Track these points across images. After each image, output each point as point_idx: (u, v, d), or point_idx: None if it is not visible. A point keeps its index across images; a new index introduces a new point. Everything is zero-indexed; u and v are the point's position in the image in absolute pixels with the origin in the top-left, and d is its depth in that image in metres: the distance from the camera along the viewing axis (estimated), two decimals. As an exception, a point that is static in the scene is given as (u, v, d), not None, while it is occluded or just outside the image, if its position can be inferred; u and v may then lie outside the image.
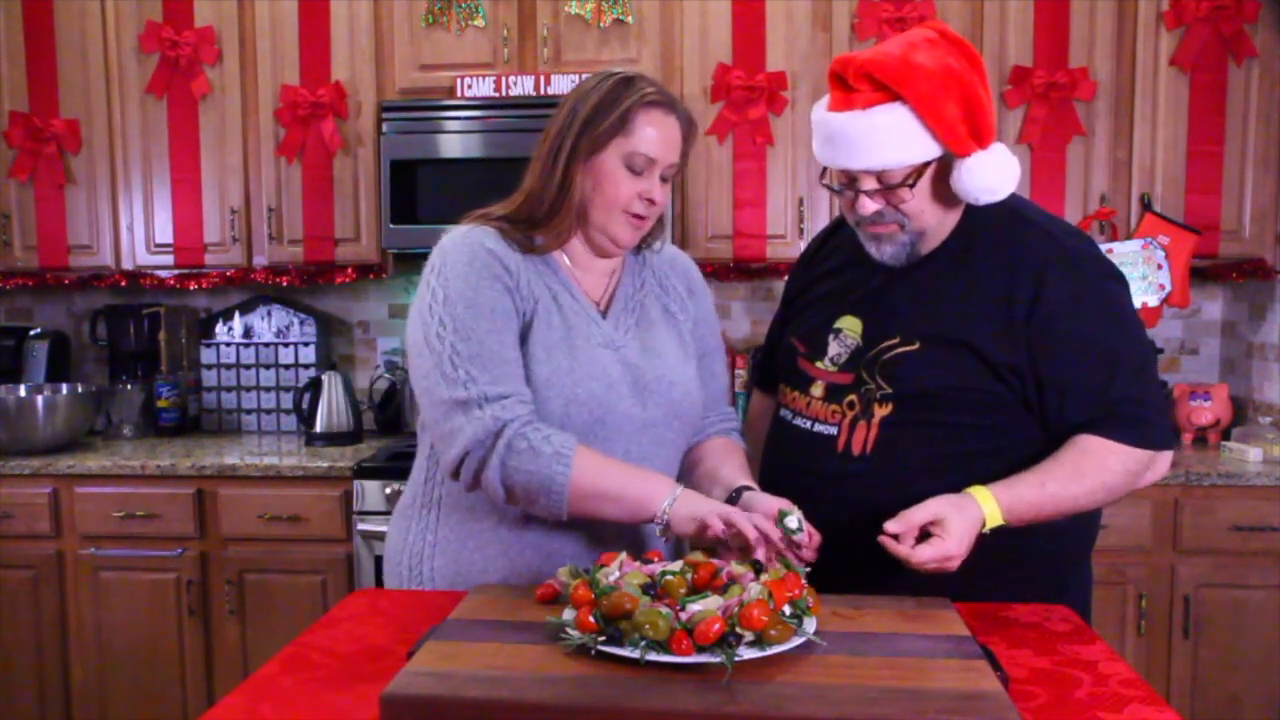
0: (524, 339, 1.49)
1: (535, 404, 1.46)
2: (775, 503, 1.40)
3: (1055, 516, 1.45)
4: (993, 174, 1.42)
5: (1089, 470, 1.44)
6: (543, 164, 1.51)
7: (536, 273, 1.52)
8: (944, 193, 1.47)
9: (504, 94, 3.03)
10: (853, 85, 1.43)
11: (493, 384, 1.42)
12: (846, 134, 1.43)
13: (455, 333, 1.43)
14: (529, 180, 1.53)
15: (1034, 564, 1.52)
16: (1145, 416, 1.46)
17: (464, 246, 1.49)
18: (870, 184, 1.46)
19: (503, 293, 1.47)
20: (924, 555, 1.34)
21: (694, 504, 1.39)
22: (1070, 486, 1.43)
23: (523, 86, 3.02)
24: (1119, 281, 1.51)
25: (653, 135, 1.48)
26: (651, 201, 1.50)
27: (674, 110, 1.51)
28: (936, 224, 1.51)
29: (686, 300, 1.66)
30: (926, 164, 1.44)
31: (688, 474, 1.63)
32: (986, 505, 1.39)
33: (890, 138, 1.41)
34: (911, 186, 1.44)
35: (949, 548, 1.34)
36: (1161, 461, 1.49)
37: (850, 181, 1.48)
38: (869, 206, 1.47)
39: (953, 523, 1.35)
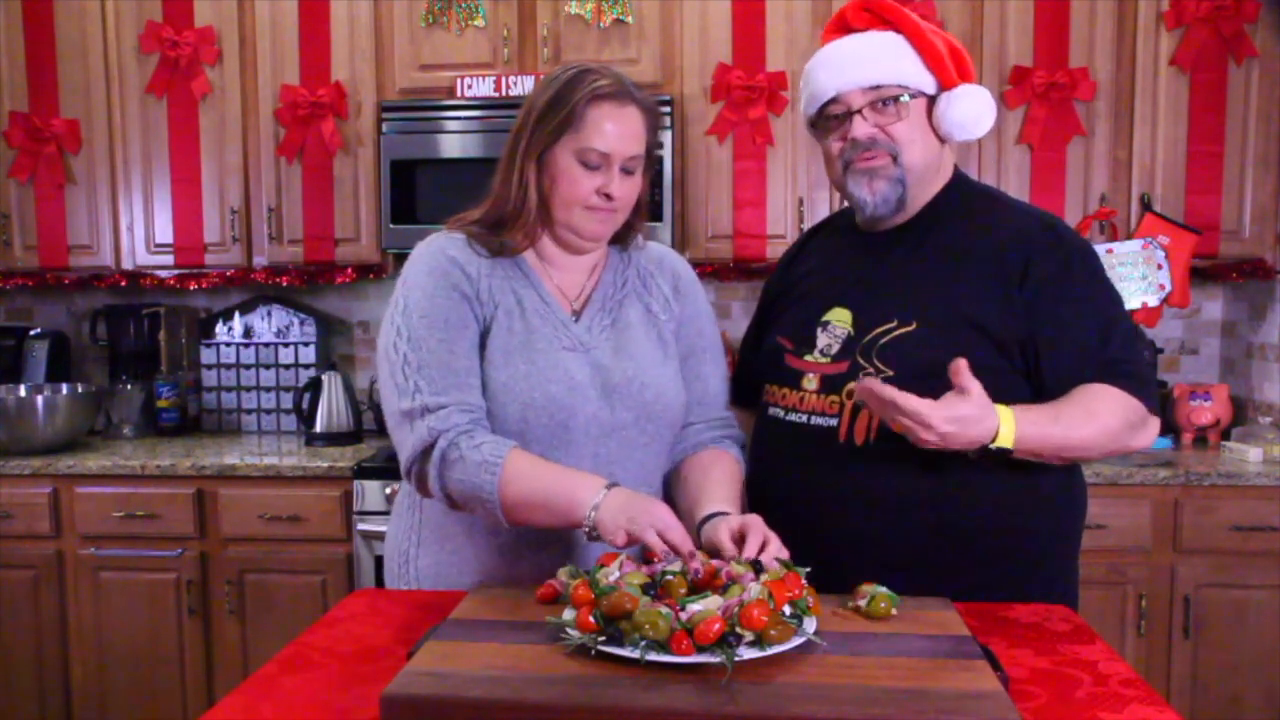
0: (484, 345, 1.49)
1: (494, 409, 1.46)
2: (727, 531, 1.36)
3: (1055, 454, 1.44)
4: (974, 106, 1.51)
5: (1098, 411, 1.44)
6: (504, 164, 1.52)
7: (504, 276, 1.52)
8: (932, 129, 1.55)
9: (504, 94, 3.03)
10: (852, 24, 1.56)
11: (435, 395, 1.43)
12: (844, 53, 1.54)
13: (409, 342, 1.46)
14: (495, 181, 1.53)
15: (1023, 563, 1.52)
16: (1141, 374, 1.50)
17: (427, 255, 1.52)
18: (862, 101, 1.52)
19: (459, 301, 1.48)
20: (913, 404, 1.31)
21: (621, 508, 1.31)
22: (1079, 427, 1.43)
23: (523, 86, 3.02)
24: (1094, 251, 1.57)
25: (604, 129, 1.46)
26: (609, 196, 1.48)
27: (631, 100, 1.48)
28: (924, 165, 1.55)
29: (671, 300, 1.62)
30: (918, 92, 1.52)
31: (673, 491, 1.59)
32: (1005, 421, 1.37)
33: (885, 55, 1.52)
34: (906, 101, 1.51)
35: (935, 414, 1.31)
36: (1153, 425, 1.50)
37: (844, 111, 1.54)
38: (862, 129, 1.52)
39: (967, 405, 1.33)
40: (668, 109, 2.98)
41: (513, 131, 1.51)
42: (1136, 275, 2.93)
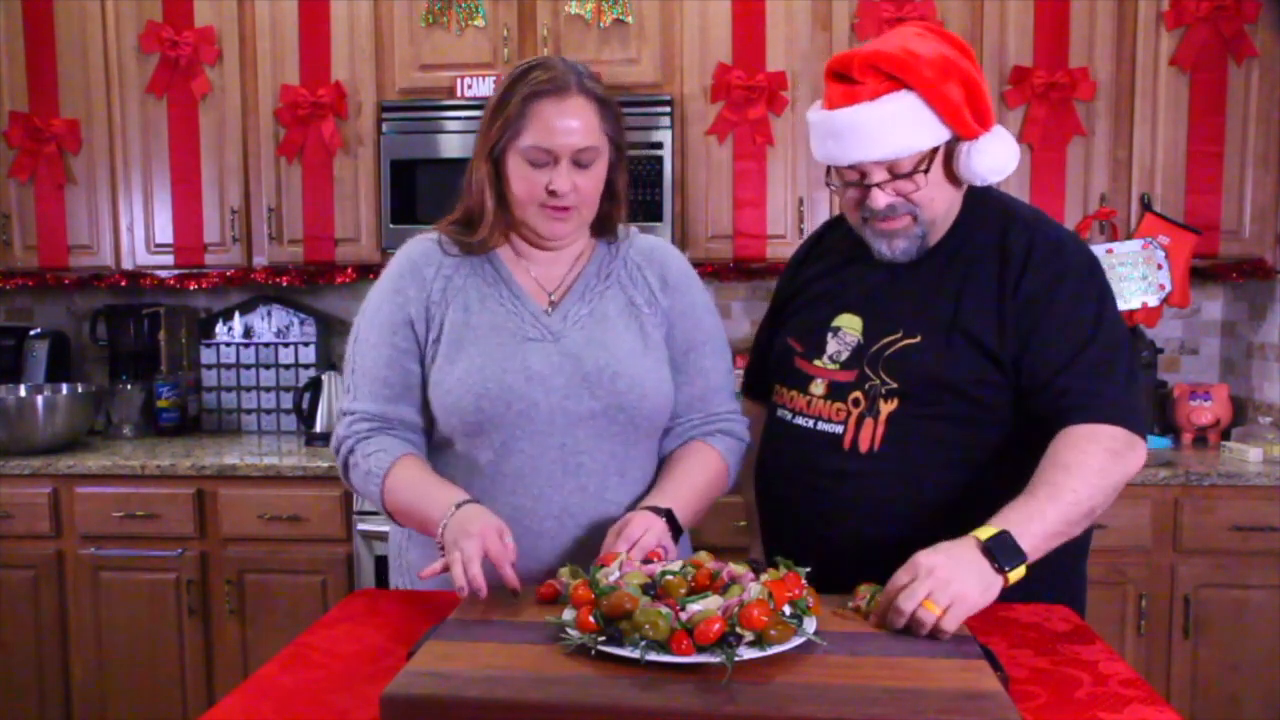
0: (438, 342, 1.52)
1: (450, 402, 1.49)
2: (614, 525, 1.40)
3: (1069, 518, 1.36)
4: (999, 154, 1.46)
5: (1073, 461, 1.37)
6: (469, 166, 1.55)
7: (471, 273, 1.56)
8: (951, 178, 1.49)
9: (504, 94, 3.02)
10: (857, 79, 1.43)
11: (354, 400, 1.55)
12: (855, 126, 1.44)
13: (355, 345, 1.57)
14: (464, 182, 1.56)
15: (1027, 572, 1.50)
16: (1111, 395, 1.43)
17: (396, 258, 1.60)
18: (881, 175, 1.46)
19: (400, 306, 1.54)
20: (901, 578, 1.25)
21: (453, 532, 1.34)
22: (1065, 483, 1.35)
23: (523, 86, 3.01)
24: (1098, 272, 1.52)
25: (545, 126, 1.45)
26: (554, 193, 1.48)
27: (574, 92, 1.46)
28: (945, 211, 1.52)
29: (658, 294, 1.60)
30: (935, 150, 1.46)
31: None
32: (975, 531, 1.31)
33: (900, 125, 1.43)
34: (925, 172, 1.45)
35: (906, 567, 1.26)
36: (1139, 448, 1.43)
37: (860, 177, 1.48)
38: (882, 200, 1.47)
39: (922, 554, 1.27)
40: (668, 109, 2.98)
41: (477, 138, 1.55)
42: (1136, 275, 2.93)
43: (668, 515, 1.44)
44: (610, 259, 1.61)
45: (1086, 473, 1.37)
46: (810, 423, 1.55)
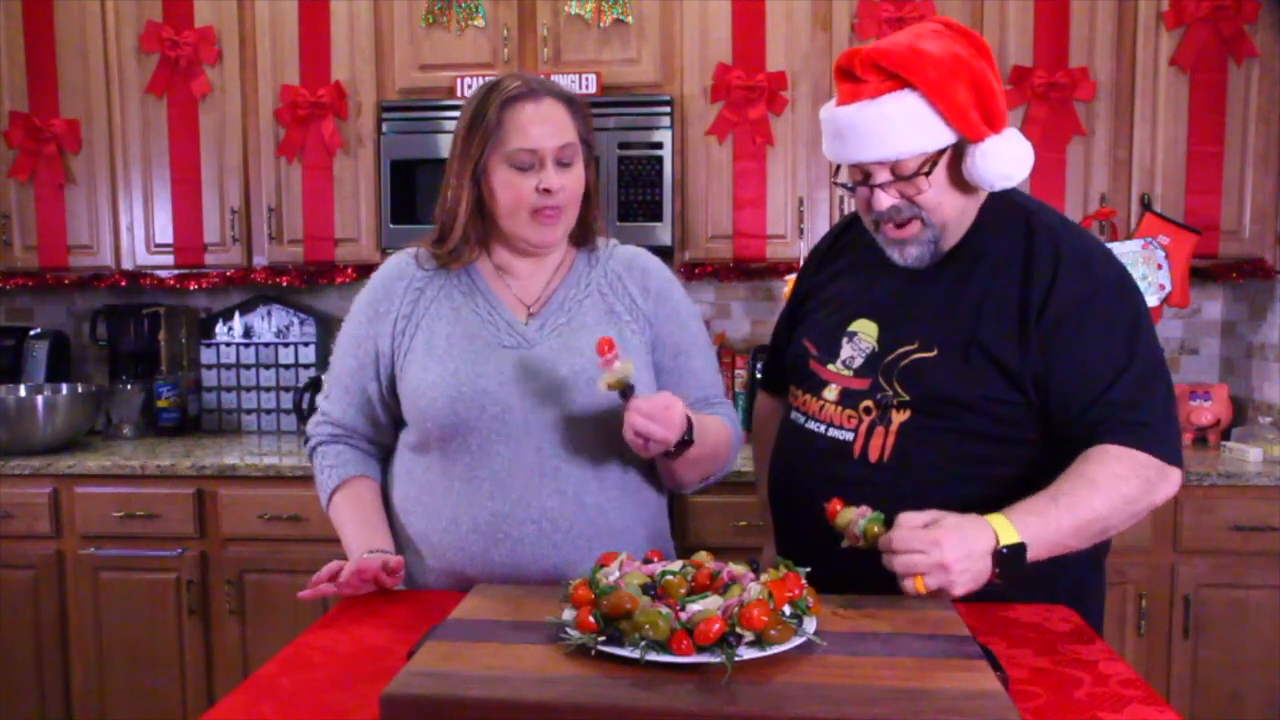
0: (409, 353, 1.56)
1: (424, 406, 1.52)
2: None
3: (1074, 538, 1.36)
4: (1008, 159, 1.41)
5: (1098, 479, 1.36)
6: (443, 185, 1.57)
7: (445, 286, 1.59)
8: (960, 182, 1.45)
9: (504, 94, 3.02)
10: (860, 76, 1.41)
11: (325, 400, 1.67)
12: (856, 125, 1.41)
13: (335, 348, 1.68)
14: (440, 198, 1.59)
15: (1046, 571, 1.49)
16: (1148, 422, 1.40)
17: (375, 274, 1.67)
18: (884, 176, 1.44)
19: (369, 321, 1.62)
20: (905, 534, 1.27)
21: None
22: (1088, 499, 1.35)
23: (523, 86, 3.01)
24: (1131, 289, 1.48)
25: (525, 128, 1.49)
26: (548, 190, 1.50)
27: (544, 94, 1.51)
28: (956, 215, 1.48)
29: (639, 302, 1.61)
30: (940, 152, 1.42)
31: None
32: (997, 524, 1.31)
33: (901, 126, 1.39)
34: (927, 174, 1.42)
35: (929, 537, 1.27)
36: (1173, 476, 1.42)
37: (864, 177, 1.46)
38: (884, 201, 1.44)
39: (949, 519, 1.29)
40: (668, 109, 2.98)
41: (449, 157, 1.56)
42: (1137, 275, 2.91)
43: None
44: (589, 269, 1.63)
45: (1111, 494, 1.36)
46: (821, 428, 1.54)
